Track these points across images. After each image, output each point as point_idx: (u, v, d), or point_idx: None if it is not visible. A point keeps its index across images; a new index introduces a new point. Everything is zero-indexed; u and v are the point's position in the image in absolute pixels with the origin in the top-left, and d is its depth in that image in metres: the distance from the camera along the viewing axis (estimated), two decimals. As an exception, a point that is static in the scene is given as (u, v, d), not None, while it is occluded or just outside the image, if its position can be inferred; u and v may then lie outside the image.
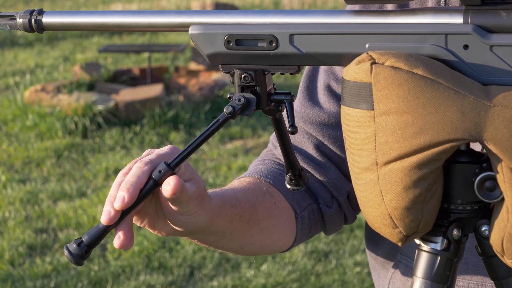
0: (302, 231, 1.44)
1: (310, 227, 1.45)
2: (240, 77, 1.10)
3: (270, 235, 1.40)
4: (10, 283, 4.34)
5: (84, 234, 1.12)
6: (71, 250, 1.11)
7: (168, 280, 4.34)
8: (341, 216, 1.48)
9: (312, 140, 1.45)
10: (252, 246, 1.39)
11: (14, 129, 7.18)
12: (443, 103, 0.96)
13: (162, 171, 1.10)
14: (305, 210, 1.44)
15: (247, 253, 1.42)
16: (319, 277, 4.34)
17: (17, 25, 1.18)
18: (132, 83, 8.32)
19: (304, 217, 1.43)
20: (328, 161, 1.45)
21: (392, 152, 0.99)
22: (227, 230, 1.29)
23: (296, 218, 1.43)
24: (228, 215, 1.28)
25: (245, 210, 1.32)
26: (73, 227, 5.03)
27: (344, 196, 1.45)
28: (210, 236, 1.29)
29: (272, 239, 1.41)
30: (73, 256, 1.11)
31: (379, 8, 1.38)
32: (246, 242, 1.36)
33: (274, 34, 1.06)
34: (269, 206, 1.39)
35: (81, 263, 1.11)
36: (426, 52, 0.99)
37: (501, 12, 0.97)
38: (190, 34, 1.11)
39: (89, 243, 1.11)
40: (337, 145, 1.43)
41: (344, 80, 1.01)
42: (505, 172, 0.97)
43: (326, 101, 1.44)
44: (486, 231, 1.05)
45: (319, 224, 1.47)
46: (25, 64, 10.54)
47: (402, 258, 1.43)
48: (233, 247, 1.36)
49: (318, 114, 1.44)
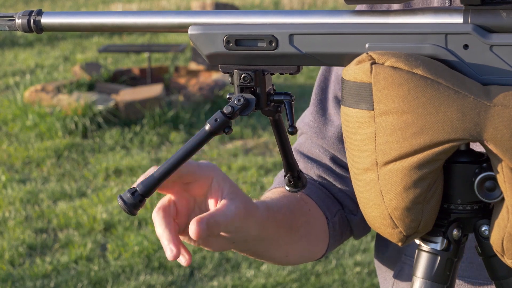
0: (334, 237, 1.46)
1: (341, 232, 1.48)
2: (240, 78, 1.09)
3: (309, 242, 1.42)
4: (10, 283, 4.34)
5: (138, 183, 1.10)
6: (125, 199, 1.09)
7: (168, 280, 4.34)
8: (366, 222, 1.49)
9: (327, 154, 1.48)
10: (294, 253, 1.41)
11: (14, 129, 7.19)
12: (443, 103, 0.96)
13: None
14: (336, 216, 1.46)
15: (289, 261, 1.43)
16: (319, 277, 4.34)
17: (16, 25, 1.18)
18: (132, 83, 8.32)
19: (335, 223, 1.46)
20: (346, 172, 1.47)
21: (392, 152, 0.99)
22: (274, 237, 1.31)
23: (328, 224, 1.45)
24: (274, 220, 1.29)
25: (287, 216, 1.34)
26: (73, 227, 5.03)
27: None
28: (259, 245, 1.30)
29: (311, 246, 1.43)
30: (127, 205, 1.08)
31: (377, 8, 1.38)
32: (291, 249, 1.38)
33: (273, 34, 1.06)
34: (305, 213, 1.41)
35: (134, 212, 1.09)
36: (426, 52, 0.99)
37: (501, 12, 0.97)
38: (189, 35, 1.10)
39: (143, 193, 1.09)
40: None
41: (344, 80, 1.01)
42: (505, 172, 0.96)
43: (336, 113, 1.47)
44: (486, 231, 1.05)
45: (348, 230, 1.50)
46: (25, 64, 10.54)
47: (407, 259, 1.43)
48: (280, 255, 1.37)
49: (331, 129, 1.47)
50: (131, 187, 1.10)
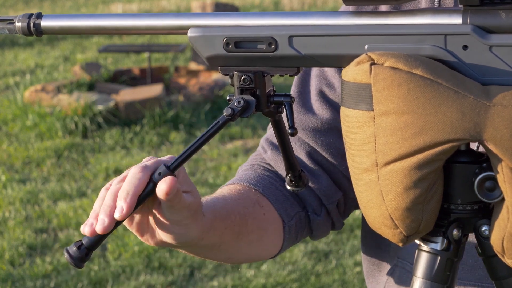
0: (289, 240, 1.43)
1: (296, 234, 1.44)
2: (240, 79, 1.09)
3: (258, 246, 1.39)
4: (10, 283, 4.34)
5: (84, 236, 1.12)
6: (71, 253, 1.11)
7: (168, 280, 4.34)
8: (329, 224, 1.47)
9: (304, 147, 1.44)
10: (239, 256, 1.39)
11: (14, 129, 7.19)
12: (442, 103, 0.96)
13: (162, 173, 1.10)
14: (293, 219, 1.43)
15: (233, 262, 1.41)
16: (319, 277, 4.34)
17: (16, 29, 1.18)
18: (132, 83, 8.32)
19: (292, 226, 1.42)
20: (320, 168, 1.43)
21: (392, 153, 0.99)
22: (216, 244, 1.28)
23: (284, 228, 1.42)
24: (218, 229, 1.26)
25: (235, 223, 1.31)
26: (73, 227, 5.03)
27: (333, 204, 1.44)
28: (198, 249, 1.28)
29: (259, 250, 1.41)
30: (73, 259, 1.10)
31: (375, 9, 1.37)
32: (234, 253, 1.36)
33: (273, 36, 1.06)
34: (259, 218, 1.37)
35: (81, 265, 1.11)
36: (426, 53, 1.00)
37: (500, 12, 0.97)
38: (189, 37, 1.10)
39: (89, 246, 1.11)
40: (329, 152, 1.42)
41: (344, 81, 1.01)
42: (505, 172, 0.97)
43: (319, 107, 1.43)
44: (486, 231, 1.05)
45: (306, 231, 1.46)
46: (25, 64, 10.54)
47: (399, 261, 1.43)
48: (220, 258, 1.36)
49: (311, 120, 1.43)
50: (76, 241, 1.12)
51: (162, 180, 1.08)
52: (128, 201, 1.09)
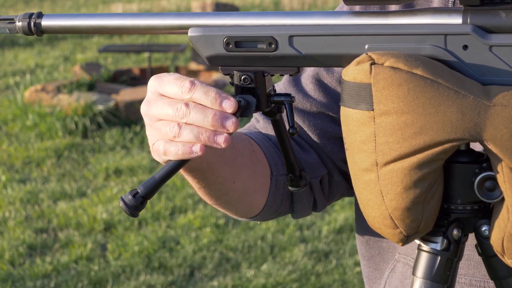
0: (274, 196, 1.38)
1: (281, 197, 1.40)
2: (240, 79, 1.10)
3: (252, 177, 1.34)
4: (10, 283, 4.34)
5: (139, 185, 1.09)
6: (126, 201, 1.08)
7: (168, 280, 4.34)
8: (310, 200, 1.43)
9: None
10: (239, 184, 1.31)
11: (14, 129, 7.19)
12: (442, 103, 0.96)
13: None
14: (282, 176, 1.38)
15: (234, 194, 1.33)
16: (319, 277, 4.34)
17: (16, 28, 1.18)
18: (132, 83, 8.32)
19: (279, 182, 1.38)
20: (306, 143, 1.41)
21: (392, 153, 0.99)
22: (217, 154, 1.23)
23: (271, 179, 1.37)
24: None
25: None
26: (73, 227, 5.03)
27: (317, 179, 1.41)
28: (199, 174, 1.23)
29: (252, 183, 1.35)
30: (128, 207, 1.07)
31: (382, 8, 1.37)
32: (236, 175, 1.30)
33: (273, 36, 1.06)
34: (249, 152, 1.33)
35: (136, 214, 1.08)
36: (426, 52, 1.00)
37: (500, 12, 0.97)
38: (189, 36, 1.10)
39: (145, 194, 1.08)
40: (316, 132, 1.40)
41: (344, 81, 1.01)
42: (505, 172, 0.97)
43: (312, 89, 1.41)
44: (486, 231, 1.05)
45: (288, 201, 1.42)
46: (25, 64, 10.54)
47: (400, 257, 1.43)
48: (226, 177, 1.28)
49: (301, 101, 1.41)
50: (132, 189, 1.09)
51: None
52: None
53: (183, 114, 1.07)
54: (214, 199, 1.32)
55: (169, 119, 1.09)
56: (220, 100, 1.06)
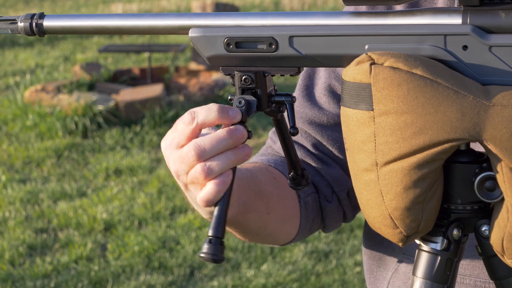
0: (306, 217, 1.41)
1: (313, 216, 1.43)
2: (241, 79, 1.10)
3: (280, 203, 1.37)
4: (10, 283, 4.34)
5: (208, 230, 1.05)
6: (208, 252, 1.04)
7: (168, 280, 4.34)
8: (340, 212, 1.46)
9: (310, 139, 1.44)
10: (273, 214, 1.34)
11: (14, 129, 7.19)
12: (442, 103, 0.96)
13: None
14: (309, 196, 1.41)
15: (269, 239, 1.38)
16: (319, 277, 4.34)
17: (18, 29, 1.18)
18: (132, 83, 8.32)
19: (308, 203, 1.41)
20: (328, 158, 1.44)
21: (392, 153, 0.99)
22: (249, 200, 1.27)
23: (300, 203, 1.40)
24: (247, 184, 1.26)
25: (254, 181, 1.30)
26: (73, 227, 5.03)
27: (344, 192, 1.44)
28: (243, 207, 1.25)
29: (284, 210, 1.38)
30: (213, 255, 1.04)
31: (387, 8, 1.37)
32: (268, 205, 1.32)
33: (273, 36, 1.07)
34: (274, 183, 1.36)
35: (222, 258, 1.04)
36: (425, 53, 1.00)
37: (500, 12, 0.97)
38: (190, 37, 1.11)
39: (217, 235, 1.05)
40: (336, 146, 1.43)
41: (344, 81, 1.01)
42: (505, 172, 0.97)
43: (326, 101, 1.43)
44: (486, 231, 1.05)
45: (320, 218, 1.45)
46: (25, 64, 10.54)
47: (404, 257, 1.43)
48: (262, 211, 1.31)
49: (317, 115, 1.43)
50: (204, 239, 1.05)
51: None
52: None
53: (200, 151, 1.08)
54: (256, 236, 1.36)
55: (191, 165, 1.09)
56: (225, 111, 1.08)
